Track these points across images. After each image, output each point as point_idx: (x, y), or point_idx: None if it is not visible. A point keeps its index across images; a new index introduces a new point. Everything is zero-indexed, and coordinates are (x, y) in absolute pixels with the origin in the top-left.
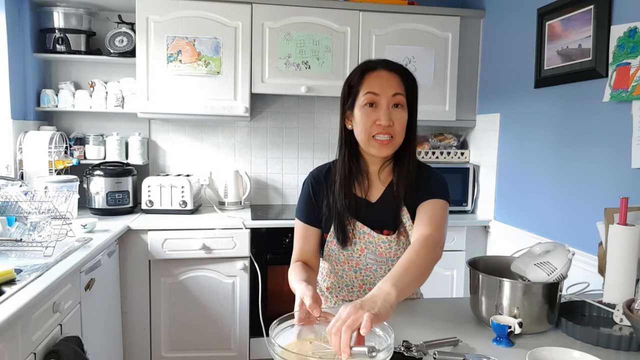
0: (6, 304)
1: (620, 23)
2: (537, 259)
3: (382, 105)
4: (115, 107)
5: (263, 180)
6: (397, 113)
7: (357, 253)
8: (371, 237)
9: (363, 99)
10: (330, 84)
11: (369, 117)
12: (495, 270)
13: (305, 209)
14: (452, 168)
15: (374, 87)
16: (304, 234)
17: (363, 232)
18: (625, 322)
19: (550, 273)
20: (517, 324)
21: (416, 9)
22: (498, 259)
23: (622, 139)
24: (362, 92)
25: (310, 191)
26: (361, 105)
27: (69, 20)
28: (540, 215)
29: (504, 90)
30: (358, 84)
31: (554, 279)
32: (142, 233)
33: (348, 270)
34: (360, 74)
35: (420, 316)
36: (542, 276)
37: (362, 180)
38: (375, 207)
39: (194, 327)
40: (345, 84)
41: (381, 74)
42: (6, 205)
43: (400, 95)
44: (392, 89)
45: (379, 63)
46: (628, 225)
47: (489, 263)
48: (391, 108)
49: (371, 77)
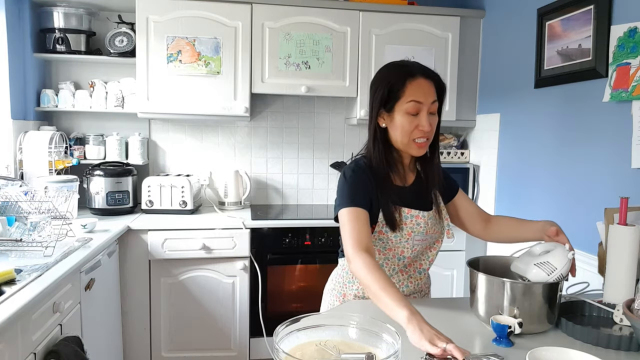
0: (6, 304)
1: (620, 23)
2: (537, 259)
3: (423, 112)
4: (115, 107)
5: (263, 180)
6: (433, 118)
7: (405, 237)
8: (419, 218)
9: (407, 106)
10: (330, 84)
11: (412, 123)
12: (495, 270)
13: (360, 195)
14: (452, 168)
15: (418, 96)
16: (363, 219)
17: (411, 216)
18: (625, 322)
19: (550, 273)
20: (517, 324)
21: (416, 9)
22: (498, 259)
23: (622, 139)
24: (405, 98)
25: (368, 179)
26: (405, 112)
27: (69, 20)
28: (540, 215)
29: (504, 90)
30: (401, 89)
31: (554, 279)
32: (142, 233)
33: (392, 258)
34: (403, 79)
35: (426, 316)
36: (542, 276)
37: (399, 170)
38: (411, 191)
39: (194, 327)
40: (383, 86)
41: (422, 83)
42: (6, 205)
43: (437, 102)
44: (432, 96)
45: (417, 70)
46: (628, 225)
47: (488, 263)
48: (428, 114)
49: (413, 85)
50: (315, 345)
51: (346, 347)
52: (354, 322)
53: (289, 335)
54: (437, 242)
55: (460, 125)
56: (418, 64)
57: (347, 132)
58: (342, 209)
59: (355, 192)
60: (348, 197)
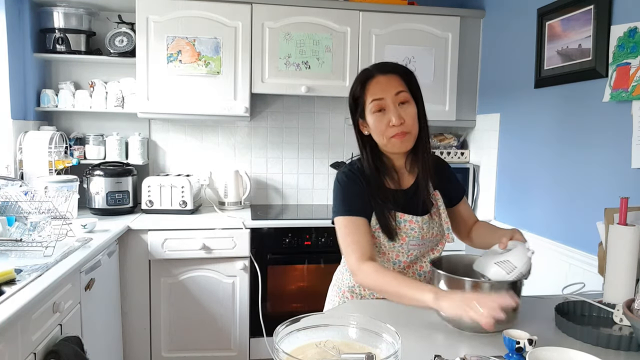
0: (6, 304)
1: (620, 23)
2: (498, 258)
3: (389, 107)
4: (115, 107)
5: (263, 180)
6: (404, 109)
7: (399, 242)
8: (413, 223)
9: (371, 107)
10: (330, 84)
11: (382, 121)
12: (458, 270)
13: (357, 202)
14: (452, 168)
15: (377, 93)
16: (362, 229)
17: (404, 221)
18: (625, 322)
19: (509, 272)
20: (527, 341)
21: (416, 9)
22: (461, 258)
23: (622, 139)
24: (367, 100)
25: (362, 186)
26: (371, 113)
27: (69, 20)
28: (540, 215)
29: (504, 90)
30: (362, 94)
31: (513, 277)
32: (142, 233)
33: (387, 262)
34: (361, 84)
35: (424, 317)
36: (502, 275)
37: (391, 175)
38: (407, 194)
39: (194, 327)
40: (349, 98)
41: (380, 79)
42: (6, 205)
43: (404, 92)
44: (394, 88)
45: (374, 69)
46: (628, 225)
47: (451, 262)
48: (399, 106)
49: (371, 84)
50: (315, 346)
51: (346, 347)
52: (354, 322)
53: (289, 336)
54: (439, 244)
55: (460, 125)
56: (379, 63)
57: (347, 132)
58: (338, 216)
59: (351, 199)
60: (344, 205)
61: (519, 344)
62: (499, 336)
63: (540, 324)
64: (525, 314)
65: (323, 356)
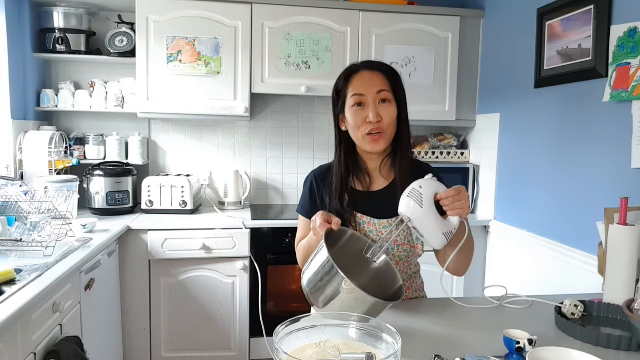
0: (6, 304)
1: (620, 23)
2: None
3: (369, 103)
4: (115, 107)
5: (263, 180)
6: (384, 108)
7: None
8: (371, 225)
9: (350, 101)
10: (330, 84)
11: (359, 117)
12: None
13: (307, 205)
14: (452, 168)
15: (359, 88)
16: (307, 228)
17: (363, 222)
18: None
19: (419, 201)
20: (527, 341)
21: (416, 9)
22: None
23: (622, 139)
24: (349, 94)
25: (313, 188)
26: (350, 107)
27: (69, 20)
28: (540, 215)
29: (504, 90)
30: (344, 87)
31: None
32: (142, 233)
33: None
34: (345, 78)
35: (424, 317)
36: (411, 205)
37: (362, 177)
38: (375, 197)
39: (194, 327)
40: (333, 90)
41: (364, 75)
42: (6, 205)
43: (386, 91)
44: (377, 86)
45: (360, 65)
46: (628, 225)
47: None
48: (378, 104)
49: (355, 79)
50: (315, 346)
51: (346, 347)
52: (354, 322)
53: (289, 336)
54: (411, 256)
55: (460, 125)
56: (367, 60)
57: None
58: (298, 211)
59: (304, 200)
60: (302, 207)
61: (519, 344)
62: (499, 336)
63: (540, 324)
64: (525, 314)
65: (323, 356)
